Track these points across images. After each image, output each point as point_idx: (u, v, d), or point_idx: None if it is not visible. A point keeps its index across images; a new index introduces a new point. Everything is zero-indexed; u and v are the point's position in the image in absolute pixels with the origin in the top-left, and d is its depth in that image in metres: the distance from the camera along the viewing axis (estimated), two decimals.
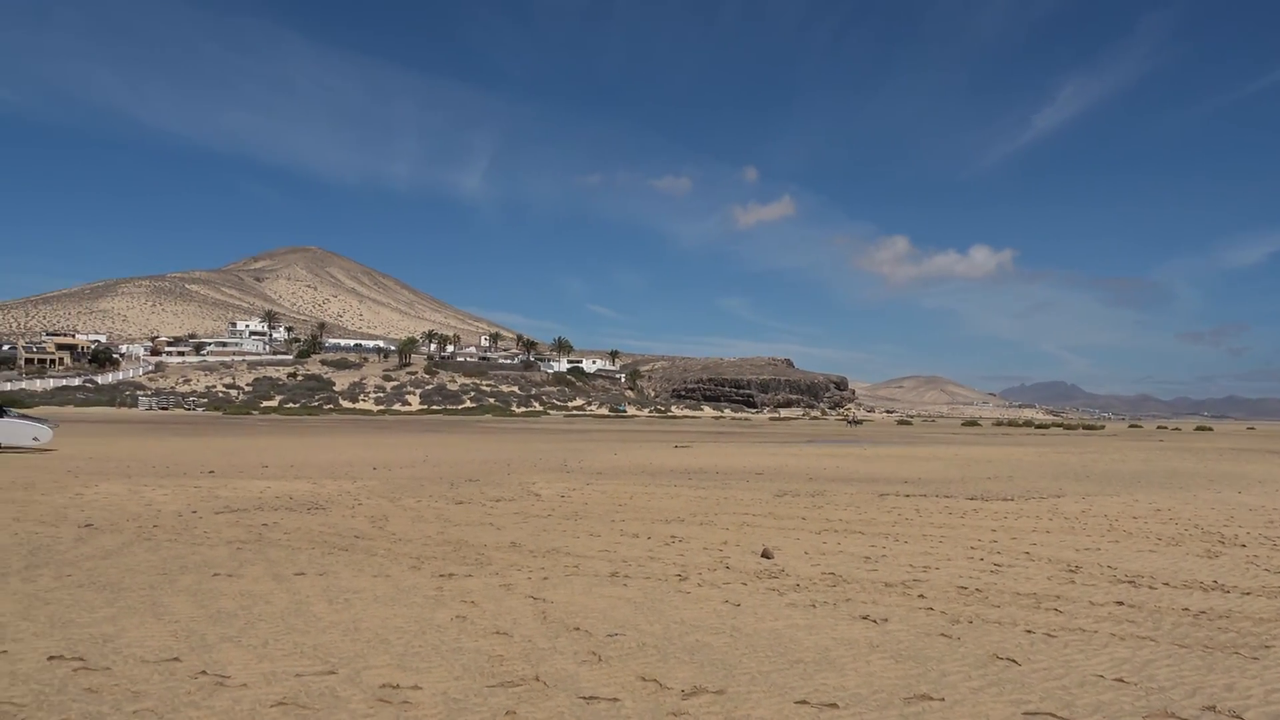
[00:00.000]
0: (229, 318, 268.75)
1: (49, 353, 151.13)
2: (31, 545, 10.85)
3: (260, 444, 38.81)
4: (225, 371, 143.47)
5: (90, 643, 6.61)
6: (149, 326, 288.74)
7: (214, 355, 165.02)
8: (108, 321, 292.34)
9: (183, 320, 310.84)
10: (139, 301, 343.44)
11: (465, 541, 11.99)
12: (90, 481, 18.77)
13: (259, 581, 9.00)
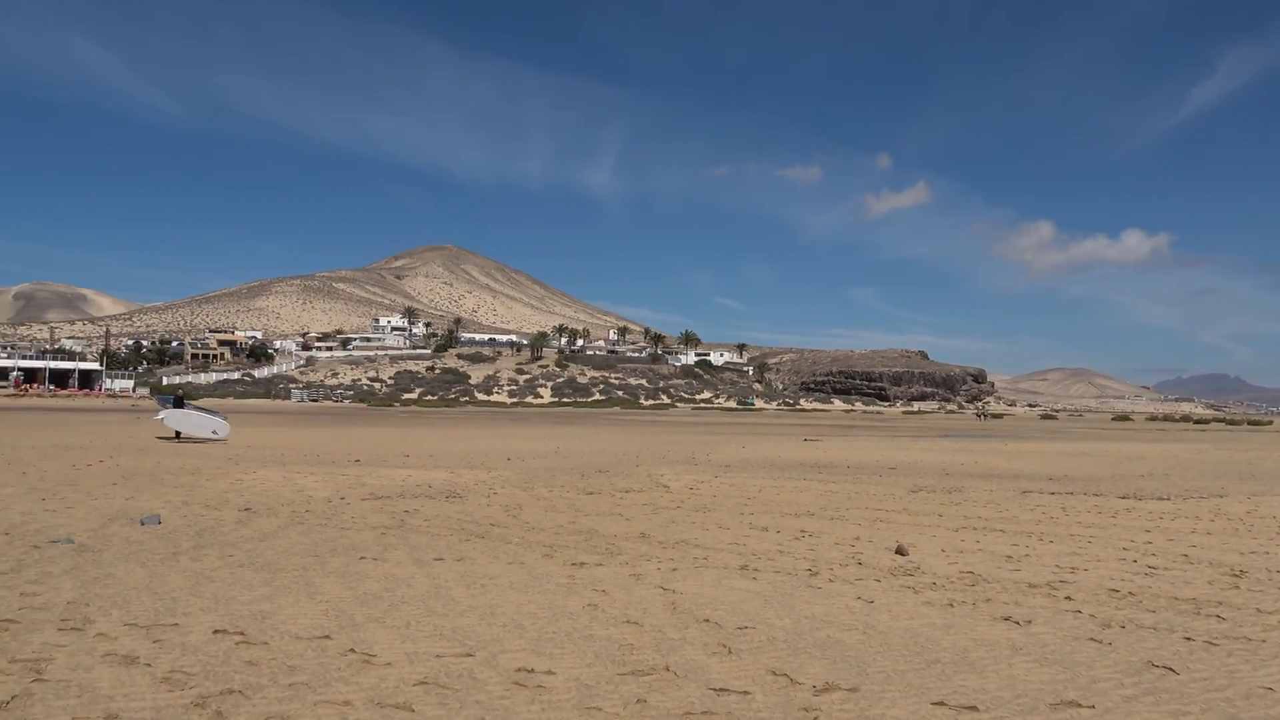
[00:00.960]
0: (372, 314, 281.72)
1: (211, 349, 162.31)
2: (198, 527, 11.66)
3: (401, 434, 40.52)
4: (369, 365, 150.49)
5: (250, 619, 7.05)
6: (300, 323, 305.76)
7: (359, 350, 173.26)
8: (263, 319, 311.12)
9: (330, 317, 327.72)
10: (291, 300, 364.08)
11: (596, 531, 12.17)
12: (249, 468, 20.03)
13: (401, 565, 9.39)
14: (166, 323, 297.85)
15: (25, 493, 14.51)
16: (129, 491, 15.14)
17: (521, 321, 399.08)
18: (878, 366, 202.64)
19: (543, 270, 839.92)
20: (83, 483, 16.26)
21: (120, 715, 4.96)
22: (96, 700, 5.17)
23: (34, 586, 7.94)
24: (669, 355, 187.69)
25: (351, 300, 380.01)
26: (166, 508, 13.21)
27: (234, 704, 5.18)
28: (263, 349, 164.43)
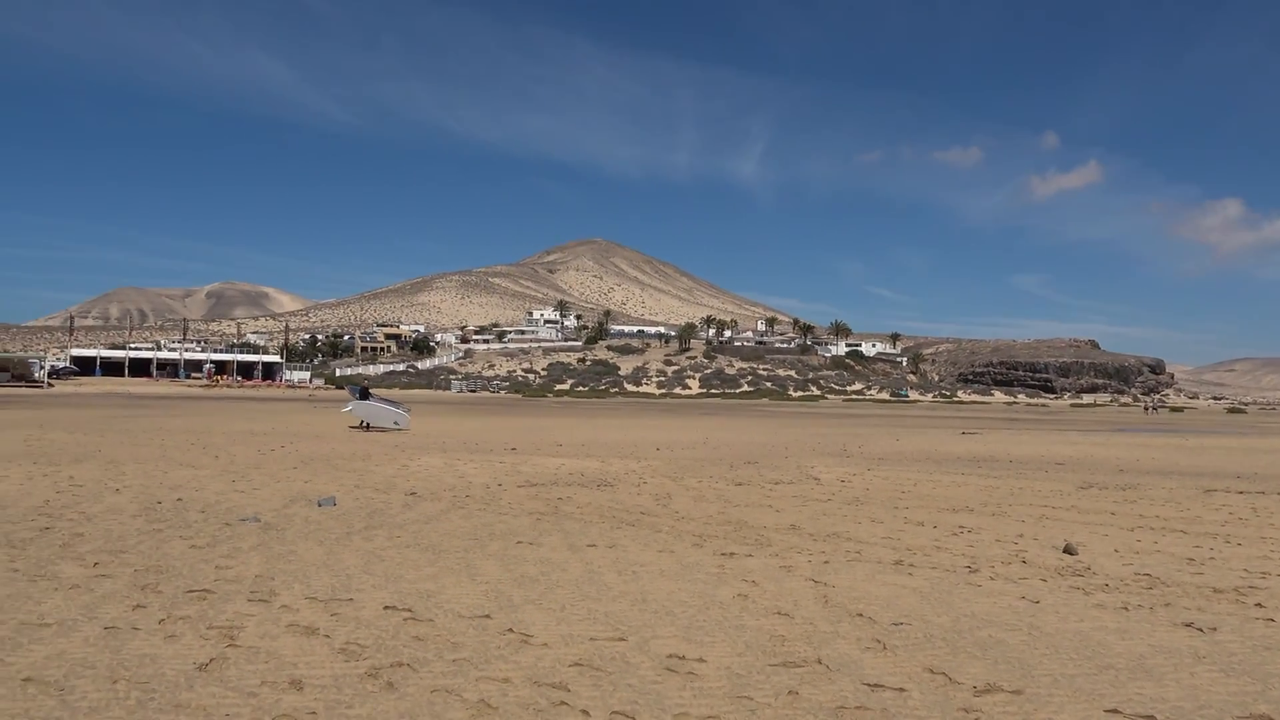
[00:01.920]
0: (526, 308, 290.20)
1: (379, 342, 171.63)
2: (369, 509, 12.38)
3: (554, 424, 41.62)
4: (523, 357, 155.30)
5: (417, 597, 7.43)
6: (459, 317, 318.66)
7: (513, 342, 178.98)
8: (425, 313, 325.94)
9: (487, 310, 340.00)
10: (450, 295, 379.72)
11: (745, 522, 12.14)
12: (414, 455, 21.07)
13: (556, 550, 9.66)
14: (339, 318, 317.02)
15: (218, 475, 15.79)
16: (307, 475, 16.22)
17: (669, 313, 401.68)
18: (1042, 356, 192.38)
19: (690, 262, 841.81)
20: (267, 466, 17.54)
21: (303, 681, 5.34)
22: (282, 667, 5.58)
23: (227, 560, 8.64)
24: (818, 346, 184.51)
25: (506, 294, 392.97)
26: (340, 491, 14.07)
27: (403, 676, 5.48)
28: (425, 342, 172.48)
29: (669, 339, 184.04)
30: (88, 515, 11.02)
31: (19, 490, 12.99)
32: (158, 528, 10.32)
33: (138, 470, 16.00)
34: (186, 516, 11.20)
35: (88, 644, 5.89)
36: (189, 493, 13.35)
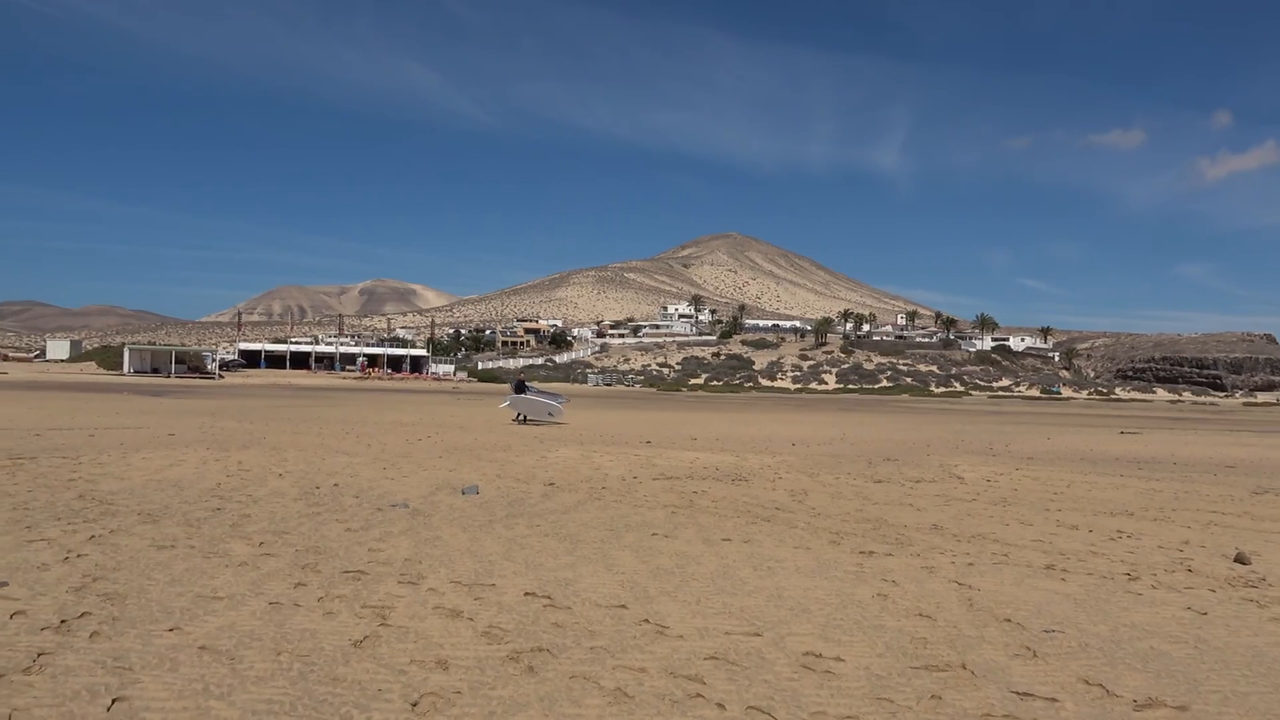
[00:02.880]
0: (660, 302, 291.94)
1: (518, 336, 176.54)
2: (510, 498, 12.75)
3: (688, 418, 41.73)
4: (658, 352, 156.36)
5: (555, 585, 7.60)
6: (595, 311, 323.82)
7: (648, 337, 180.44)
8: (562, 308, 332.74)
9: (622, 305, 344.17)
10: (586, 290, 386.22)
11: (884, 520, 11.84)
12: (552, 447, 21.56)
13: (691, 544, 9.69)
14: (481, 313, 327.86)
15: (370, 462, 16.61)
16: (451, 464, 16.85)
17: (805, 307, 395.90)
18: (1211, 351, 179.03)
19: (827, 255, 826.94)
20: (414, 455, 18.33)
21: (449, 661, 5.55)
22: (429, 647, 5.82)
23: (379, 544, 9.08)
24: (962, 340, 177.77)
25: (641, 289, 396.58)
26: (483, 480, 14.55)
27: (543, 661, 5.62)
28: (562, 336, 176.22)
29: (804, 333, 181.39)
30: (254, 498, 11.79)
31: (195, 473, 14.03)
32: (316, 511, 10.94)
33: (298, 457, 17.01)
34: (342, 501, 11.83)
35: (254, 617, 6.30)
36: (344, 479, 14.09)
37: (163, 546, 8.49)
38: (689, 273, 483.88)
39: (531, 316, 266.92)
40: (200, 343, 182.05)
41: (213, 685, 5.02)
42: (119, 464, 14.77)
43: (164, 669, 5.23)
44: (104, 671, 5.15)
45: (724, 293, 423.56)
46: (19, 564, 7.56)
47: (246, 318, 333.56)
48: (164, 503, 11.10)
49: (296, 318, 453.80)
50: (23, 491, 11.49)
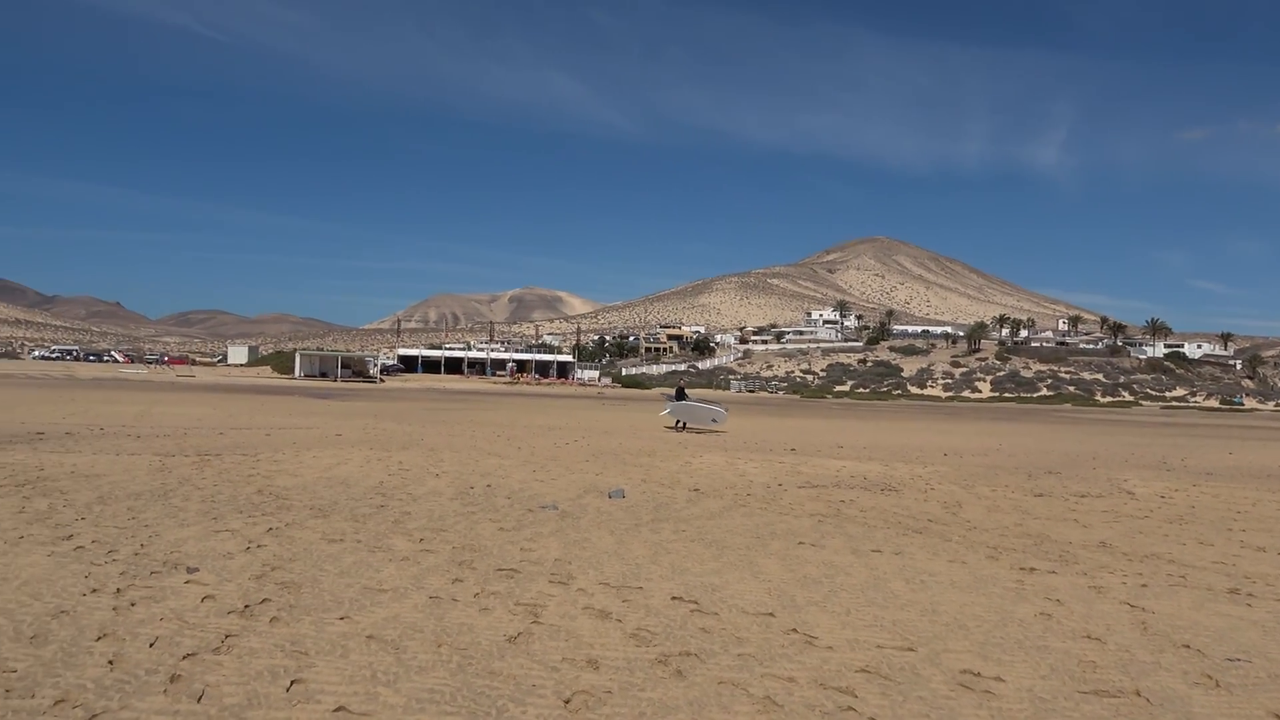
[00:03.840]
0: (804, 308, 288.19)
1: (661, 343, 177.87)
2: (655, 503, 12.86)
3: (833, 426, 40.95)
4: (801, 358, 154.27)
5: (701, 590, 7.61)
6: (737, 318, 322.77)
7: (792, 343, 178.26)
8: (705, 315, 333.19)
9: (765, 311, 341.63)
10: (729, 296, 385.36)
11: (1046, 536, 11.26)
12: (696, 453, 21.61)
13: (839, 554, 9.50)
14: (624, 319, 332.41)
15: (520, 465, 17.11)
16: (598, 468, 17.15)
17: (957, 312, 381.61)
18: None
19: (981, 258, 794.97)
20: (562, 458, 18.76)
21: (599, 661, 5.65)
22: (580, 646, 5.94)
23: (530, 543, 9.34)
24: (1130, 347, 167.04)
25: (785, 295, 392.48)
26: (628, 484, 14.73)
27: (691, 665, 5.64)
28: (705, 343, 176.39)
29: (956, 339, 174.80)
30: (414, 496, 12.36)
31: (360, 472, 14.83)
32: (471, 510, 11.36)
33: (453, 458, 17.71)
34: (495, 501, 12.24)
35: (416, 610, 6.60)
36: (496, 480, 14.57)
37: (332, 540, 9.02)
38: (834, 278, 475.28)
39: (674, 323, 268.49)
40: (363, 348, 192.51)
41: (380, 673, 5.30)
42: (292, 462, 15.78)
43: (336, 655, 5.56)
44: (283, 655, 5.51)
45: (870, 298, 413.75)
46: (207, 552, 8.20)
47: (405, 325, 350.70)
48: (333, 499, 11.79)
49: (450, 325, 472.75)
50: (210, 485, 12.46)
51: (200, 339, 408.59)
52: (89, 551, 8.00)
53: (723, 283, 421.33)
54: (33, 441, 17.54)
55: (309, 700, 4.85)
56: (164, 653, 5.44)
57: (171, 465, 14.46)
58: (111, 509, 10.23)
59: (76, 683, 4.93)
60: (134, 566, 7.52)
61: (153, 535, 8.85)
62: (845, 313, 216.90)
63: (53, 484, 11.90)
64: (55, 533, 8.76)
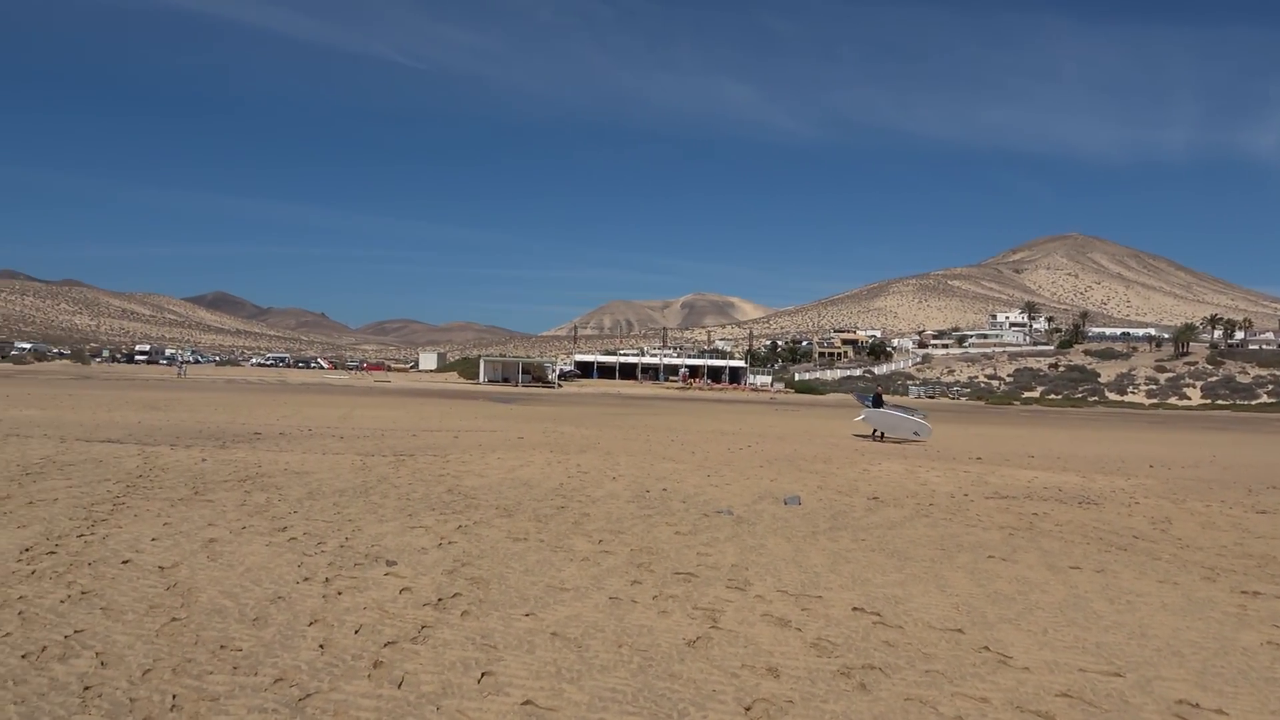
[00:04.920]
0: (988, 310, 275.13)
1: (835, 347, 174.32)
2: (832, 510, 12.58)
3: (1022, 434, 38.76)
4: (986, 363, 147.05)
5: (884, 602, 7.37)
6: (915, 321, 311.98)
7: (975, 347, 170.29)
8: (880, 318, 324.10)
9: (945, 314, 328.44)
10: (906, 299, 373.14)
11: (1273, 557, 10.20)
12: (874, 460, 21.00)
13: (1033, 569, 8.97)
14: (797, 324, 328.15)
15: (695, 469, 17.18)
16: (772, 474, 16.97)
17: (1161, 313, 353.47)
18: None
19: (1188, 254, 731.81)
20: (735, 464, 18.69)
21: (779, 669, 5.57)
22: (759, 654, 5.88)
23: (706, 548, 9.35)
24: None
25: (967, 297, 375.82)
26: (804, 491, 14.50)
27: (875, 679, 5.47)
28: (881, 347, 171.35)
29: (1161, 342, 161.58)
30: (592, 498, 12.65)
31: (541, 474, 15.33)
32: (647, 513, 11.50)
33: (629, 462, 18.01)
34: (670, 505, 12.35)
35: (597, 610, 6.74)
36: (671, 484, 14.69)
37: (517, 539, 9.36)
38: (1021, 278, 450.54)
39: (849, 327, 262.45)
40: (541, 355, 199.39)
41: (564, 669, 5.44)
42: (478, 463, 16.52)
43: (522, 650, 5.75)
44: (474, 647, 5.76)
45: (1062, 298, 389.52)
46: (404, 547, 8.70)
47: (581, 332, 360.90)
48: (516, 499, 12.24)
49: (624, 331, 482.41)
50: (405, 484, 13.22)
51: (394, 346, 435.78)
52: (300, 543, 8.67)
53: (900, 285, 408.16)
54: (252, 441, 19.21)
55: (498, 692, 5.04)
56: (367, 640, 5.81)
57: (371, 465, 15.46)
58: (320, 504, 11.05)
59: (292, 663, 5.34)
60: (340, 558, 8.08)
61: (356, 529, 9.48)
62: (1034, 314, 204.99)
63: (269, 480, 12.99)
64: (272, 524, 9.55)
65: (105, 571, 7.21)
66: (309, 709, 4.72)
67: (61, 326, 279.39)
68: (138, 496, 11.02)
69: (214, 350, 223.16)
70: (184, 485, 12.10)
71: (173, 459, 15.00)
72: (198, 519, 9.68)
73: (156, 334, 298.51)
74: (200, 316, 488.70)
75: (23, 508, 9.88)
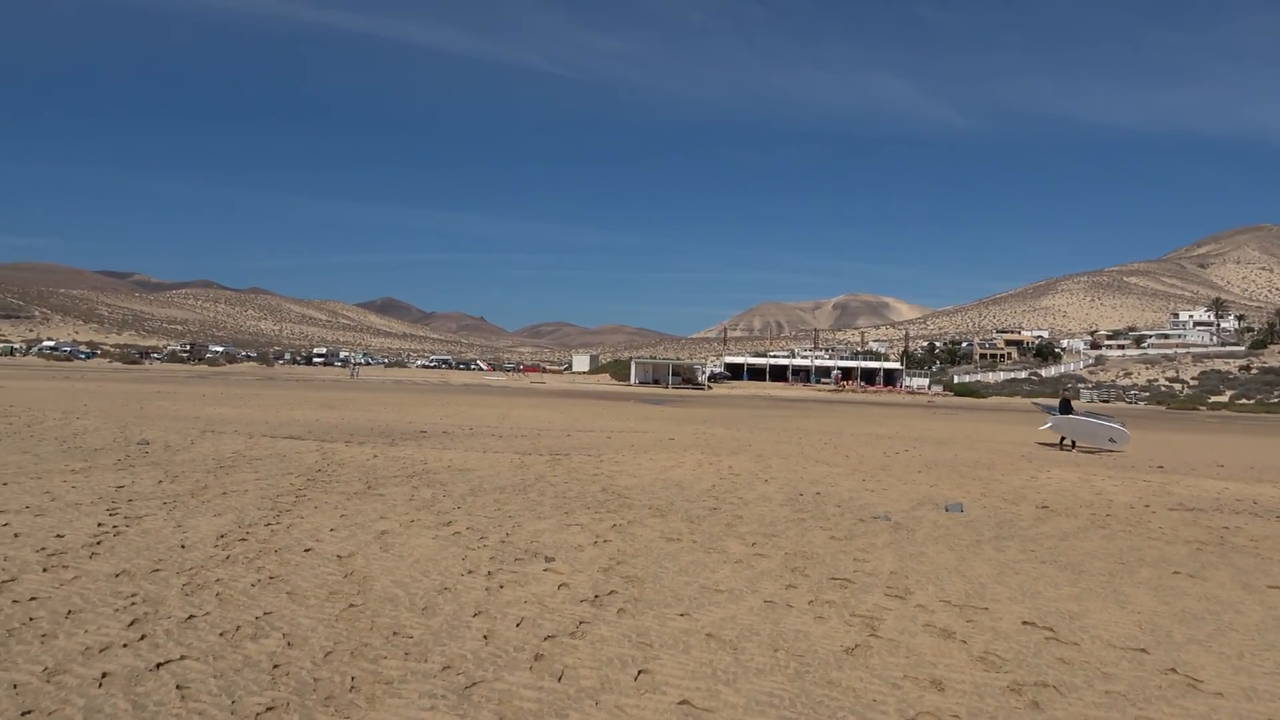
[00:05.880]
0: (1169, 308, 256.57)
1: (998, 349, 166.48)
2: (997, 519, 12.02)
3: (1209, 441, 35.85)
4: (1167, 365, 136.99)
5: (1058, 617, 6.97)
6: (1087, 321, 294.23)
7: (1154, 348, 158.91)
8: (1048, 318, 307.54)
9: (1120, 313, 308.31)
10: (1077, 297, 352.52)
11: None
12: (1043, 467, 19.93)
13: (1224, 588, 8.27)
14: (956, 324, 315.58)
15: (849, 473, 16.80)
16: (932, 480, 16.38)
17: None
18: None
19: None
20: (892, 468, 18.15)
21: (944, 682, 5.36)
22: (921, 665, 5.67)
23: (862, 554, 9.12)
24: None
25: (1144, 294, 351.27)
26: (966, 498, 13.92)
27: (1049, 697, 5.18)
28: (1049, 348, 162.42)
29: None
30: (744, 501, 12.57)
31: (692, 475, 15.37)
32: (801, 517, 11.33)
33: (781, 465, 17.80)
34: (824, 509, 12.12)
35: (752, 613, 6.69)
36: (825, 488, 14.42)
37: (670, 539, 9.42)
38: (1206, 273, 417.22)
39: (1013, 327, 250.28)
40: (691, 357, 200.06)
41: (720, 671, 5.42)
42: (630, 463, 16.73)
43: (678, 650, 5.78)
44: (630, 645, 5.83)
45: (1255, 295, 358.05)
46: (561, 544, 8.91)
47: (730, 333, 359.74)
48: (668, 500, 12.32)
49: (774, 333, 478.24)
50: (560, 482, 13.55)
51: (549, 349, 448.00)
52: (464, 537, 9.03)
53: (1069, 283, 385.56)
54: (418, 438, 20.17)
55: (655, 691, 5.08)
56: (528, 633, 5.98)
57: (529, 463, 15.93)
58: (481, 500, 11.47)
59: (459, 652, 5.56)
60: (501, 553, 8.36)
61: (515, 525, 9.79)
62: (1222, 312, 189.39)
63: (434, 476, 13.59)
64: (438, 519, 9.99)
65: (290, 559, 7.73)
66: (475, 696, 4.90)
67: (249, 331, 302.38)
68: (317, 489, 11.77)
69: (382, 353, 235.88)
70: (358, 480, 12.83)
71: (347, 455, 15.94)
72: (370, 512, 10.24)
73: (331, 338, 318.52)
74: (370, 321, 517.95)
75: (218, 497, 10.74)
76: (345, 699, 4.79)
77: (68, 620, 5.82)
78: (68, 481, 11.49)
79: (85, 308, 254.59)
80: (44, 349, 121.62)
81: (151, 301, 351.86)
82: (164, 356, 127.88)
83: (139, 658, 5.22)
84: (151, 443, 16.53)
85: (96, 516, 9.21)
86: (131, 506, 9.89)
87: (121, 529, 8.65)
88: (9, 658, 5.12)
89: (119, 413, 24.47)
